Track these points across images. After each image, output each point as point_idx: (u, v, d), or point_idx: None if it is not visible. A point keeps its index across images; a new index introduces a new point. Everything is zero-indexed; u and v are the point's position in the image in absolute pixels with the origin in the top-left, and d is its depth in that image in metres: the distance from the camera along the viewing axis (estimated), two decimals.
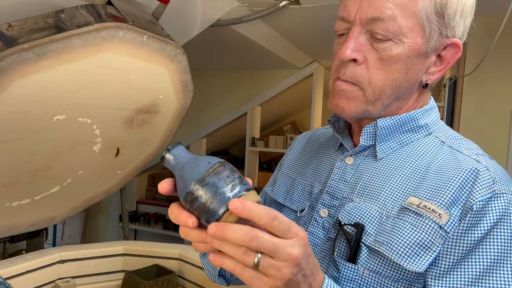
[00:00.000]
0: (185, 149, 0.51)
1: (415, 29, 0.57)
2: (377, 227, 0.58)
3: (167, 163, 0.50)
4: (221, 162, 0.48)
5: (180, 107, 1.72)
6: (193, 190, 0.46)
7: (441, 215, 0.54)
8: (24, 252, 2.09)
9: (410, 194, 0.58)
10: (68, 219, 3.75)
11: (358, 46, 0.59)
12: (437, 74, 0.63)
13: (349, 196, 0.64)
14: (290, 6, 1.73)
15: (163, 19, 1.43)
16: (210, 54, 2.75)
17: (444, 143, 0.63)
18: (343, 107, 0.62)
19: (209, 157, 0.48)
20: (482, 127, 2.15)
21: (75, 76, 1.21)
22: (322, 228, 0.66)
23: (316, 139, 0.82)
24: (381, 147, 0.64)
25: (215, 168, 0.46)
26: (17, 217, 1.60)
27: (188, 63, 1.52)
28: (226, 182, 0.45)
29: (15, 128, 1.21)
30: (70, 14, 1.11)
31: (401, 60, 0.58)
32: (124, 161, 1.81)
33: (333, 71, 0.65)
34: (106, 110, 1.44)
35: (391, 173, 0.62)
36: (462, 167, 0.57)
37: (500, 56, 2.09)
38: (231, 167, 0.48)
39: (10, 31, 1.01)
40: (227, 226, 0.44)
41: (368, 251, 0.58)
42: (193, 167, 0.47)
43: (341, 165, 0.68)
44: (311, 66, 3.09)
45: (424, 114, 0.66)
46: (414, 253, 0.55)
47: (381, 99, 0.61)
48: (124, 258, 1.63)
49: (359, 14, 0.58)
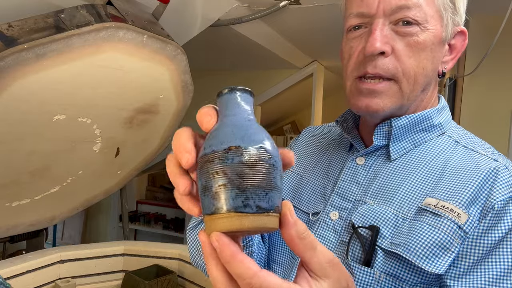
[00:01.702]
0: (246, 99, 0.38)
1: (435, 16, 0.57)
2: (393, 229, 0.57)
3: (222, 102, 0.37)
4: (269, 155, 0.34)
5: (180, 107, 1.72)
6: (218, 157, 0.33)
7: (460, 214, 0.53)
8: (24, 252, 2.09)
9: (427, 195, 0.57)
10: (68, 219, 3.75)
11: (385, 38, 0.57)
12: (451, 62, 0.63)
13: (362, 198, 0.62)
14: (290, 6, 1.73)
15: (163, 19, 1.43)
16: (210, 54, 2.75)
17: (458, 142, 0.62)
18: (376, 108, 0.59)
19: (265, 134, 0.36)
20: (482, 127, 2.15)
21: (75, 76, 1.20)
22: (333, 231, 0.63)
23: (322, 136, 0.79)
24: (395, 147, 0.63)
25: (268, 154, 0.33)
26: (17, 217, 1.60)
27: (188, 63, 1.51)
28: (261, 186, 0.33)
29: (15, 128, 1.21)
30: (70, 14, 1.11)
31: (427, 47, 0.57)
32: (124, 161, 1.81)
33: (352, 68, 0.60)
34: (106, 110, 1.44)
35: (406, 174, 0.60)
36: (480, 166, 0.56)
37: (500, 56, 2.09)
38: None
39: (10, 31, 1.01)
40: (230, 250, 0.33)
41: (384, 254, 0.56)
42: (242, 132, 0.34)
43: (352, 166, 0.66)
44: (311, 66, 3.09)
45: (438, 113, 0.64)
46: (433, 254, 0.53)
47: (415, 90, 0.59)
48: (124, 258, 1.63)
49: (382, 5, 0.56)
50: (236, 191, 0.33)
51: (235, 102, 0.37)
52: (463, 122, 2.22)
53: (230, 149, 0.33)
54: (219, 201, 0.33)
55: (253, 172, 0.33)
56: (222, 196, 0.33)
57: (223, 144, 0.33)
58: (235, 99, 0.37)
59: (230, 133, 0.34)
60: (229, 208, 0.33)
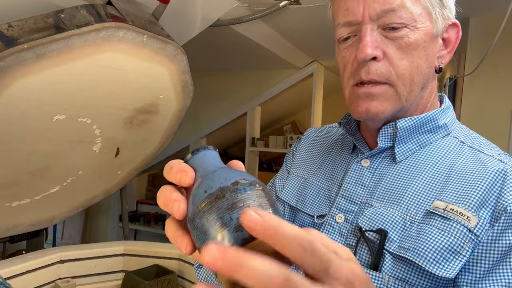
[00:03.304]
0: (216, 155, 0.39)
1: (423, 13, 0.57)
2: (401, 233, 0.56)
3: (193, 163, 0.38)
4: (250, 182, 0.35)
5: (180, 107, 1.72)
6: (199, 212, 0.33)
7: (470, 218, 0.52)
8: (24, 252, 2.10)
9: (435, 198, 0.56)
10: (68, 219, 3.75)
11: (375, 43, 0.57)
12: (447, 57, 0.63)
13: (368, 201, 0.61)
14: (290, 6, 1.73)
15: (163, 19, 1.43)
16: (210, 54, 2.75)
17: (463, 143, 0.62)
18: (375, 111, 0.58)
19: (241, 172, 0.36)
20: (482, 127, 2.15)
21: (75, 76, 1.21)
22: (339, 234, 0.62)
23: (324, 138, 0.78)
24: (400, 149, 0.62)
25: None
26: (17, 217, 1.60)
27: (188, 63, 1.52)
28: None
29: (15, 128, 1.21)
30: (70, 14, 1.11)
31: (420, 46, 0.57)
32: (124, 161, 1.81)
33: (348, 77, 0.61)
34: (106, 110, 1.44)
35: (413, 176, 0.60)
36: (487, 168, 0.56)
37: (500, 56, 2.08)
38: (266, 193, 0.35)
39: (10, 31, 1.01)
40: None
41: (393, 258, 0.55)
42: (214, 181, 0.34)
43: (357, 168, 0.65)
44: (311, 66, 3.09)
45: (443, 113, 0.64)
46: (443, 258, 0.52)
47: (412, 91, 0.59)
48: (124, 258, 1.63)
49: (367, 11, 0.56)
50: None
51: (207, 158, 0.38)
52: (463, 122, 2.20)
53: (238, 182, 0.34)
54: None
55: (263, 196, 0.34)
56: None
57: (228, 180, 0.34)
58: (205, 156, 0.38)
59: (223, 175, 0.35)
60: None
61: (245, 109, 3.37)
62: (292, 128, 4.41)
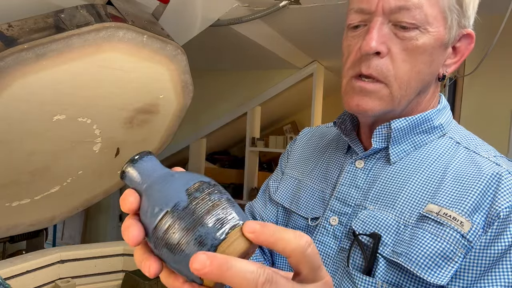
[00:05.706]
0: (156, 161, 0.38)
1: (438, 18, 0.55)
2: (395, 237, 0.55)
3: (130, 179, 0.37)
4: (203, 182, 0.35)
5: (180, 107, 1.72)
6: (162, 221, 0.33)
7: (463, 223, 0.51)
8: (24, 252, 2.10)
9: (429, 201, 0.55)
10: (68, 219, 3.75)
11: (382, 38, 0.55)
12: (453, 66, 0.61)
13: (362, 203, 0.60)
14: (290, 6, 1.73)
15: (163, 19, 1.43)
16: (210, 54, 2.75)
17: (459, 144, 0.61)
18: (365, 108, 0.57)
19: (186, 174, 0.36)
20: (482, 127, 2.15)
21: (75, 76, 1.21)
22: (333, 237, 0.61)
23: (319, 138, 0.77)
24: (395, 150, 0.61)
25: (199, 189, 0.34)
26: (17, 217, 1.60)
27: (188, 63, 1.52)
28: (210, 213, 0.33)
29: (15, 128, 1.21)
30: (70, 14, 1.11)
31: (426, 51, 0.55)
32: (124, 161, 1.81)
33: (348, 67, 0.59)
34: (106, 110, 1.44)
35: (407, 178, 0.59)
36: (482, 171, 0.55)
37: (500, 56, 2.08)
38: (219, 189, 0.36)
39: (10, 31, 1.01)
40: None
41: (386, 263, 0.54)
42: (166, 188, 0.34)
43: (351, 169, 0.64)
44: (311, 66, 3.09)
45: (439, 113, 0.62)
46: (435, 264, 0.51)
47: (407, 95, 0.58)
48: (124, 258, 1.63)
49: (381, 3, 0.55)
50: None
51: (147, 168, 0.37)
52: (463, 122, 2.22)
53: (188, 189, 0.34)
54: (221, 227, 0.32)
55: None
56: (225, 223, 0.33)
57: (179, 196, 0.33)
58: (145, 166, 0.37)
59: (173, 190, 0.34)
60: (228, 231, 0.32)
61: (245, 109, 3.37)
62: (292, 128, 4.41)
